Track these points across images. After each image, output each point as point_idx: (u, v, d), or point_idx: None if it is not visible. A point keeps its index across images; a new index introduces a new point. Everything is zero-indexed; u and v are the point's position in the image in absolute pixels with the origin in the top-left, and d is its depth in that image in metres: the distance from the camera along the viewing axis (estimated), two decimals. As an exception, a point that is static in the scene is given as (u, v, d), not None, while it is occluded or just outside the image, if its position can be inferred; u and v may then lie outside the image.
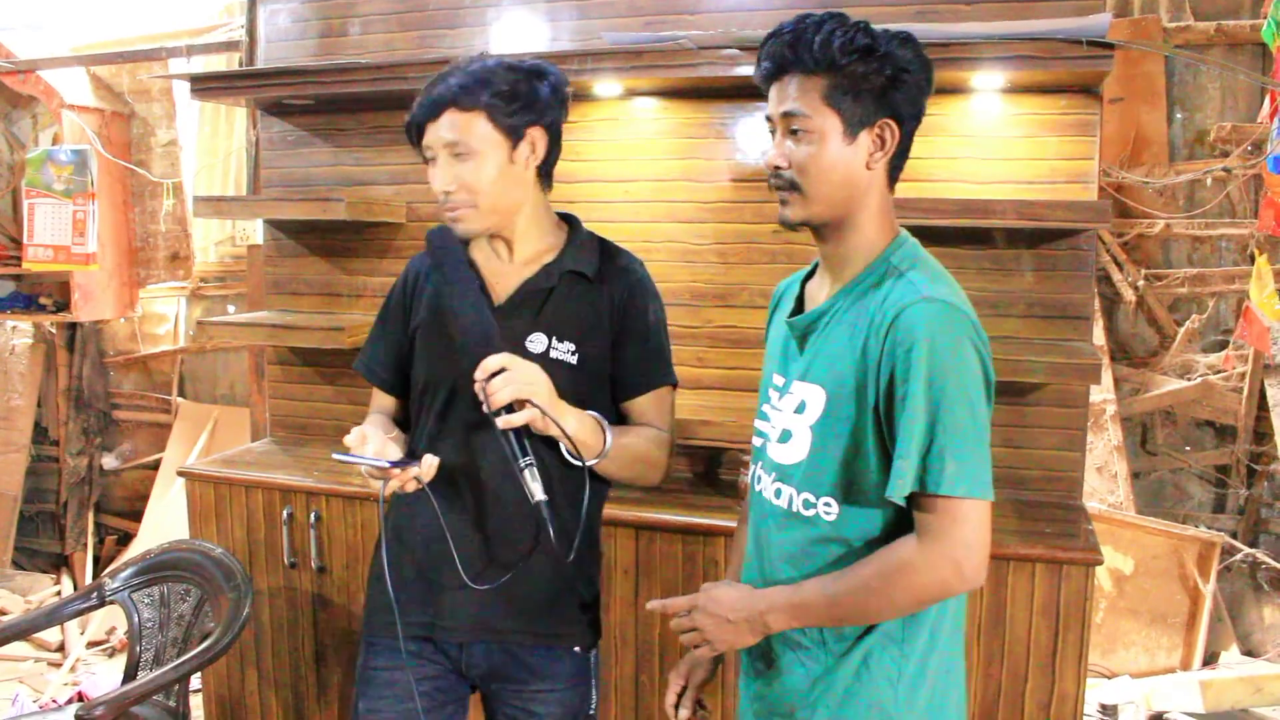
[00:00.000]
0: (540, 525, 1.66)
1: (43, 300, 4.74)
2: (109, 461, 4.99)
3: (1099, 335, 3.86)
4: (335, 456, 1.65)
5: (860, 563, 1.46)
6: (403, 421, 1.98)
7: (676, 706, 1.78)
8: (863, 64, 1.45)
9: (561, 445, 1.74)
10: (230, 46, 4.18)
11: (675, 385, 1.95)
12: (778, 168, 1.51)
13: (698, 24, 2.92)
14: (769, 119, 1.54)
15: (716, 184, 3.01)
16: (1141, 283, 3.93)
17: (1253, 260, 3.51)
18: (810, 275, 1.67)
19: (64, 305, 4.58)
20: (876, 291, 1.48)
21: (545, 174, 1.87)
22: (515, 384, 1.65)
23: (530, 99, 1.78)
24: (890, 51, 1.46)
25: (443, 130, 1.75)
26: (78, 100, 4.44)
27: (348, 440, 1.68)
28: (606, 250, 1.93)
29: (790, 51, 1.47)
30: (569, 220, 1.93)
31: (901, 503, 1.43)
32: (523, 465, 1.65)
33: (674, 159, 3.04)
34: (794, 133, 1.49)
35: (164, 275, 4.71)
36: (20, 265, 4.50)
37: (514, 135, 1.77)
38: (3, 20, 4.57)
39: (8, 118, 4.95)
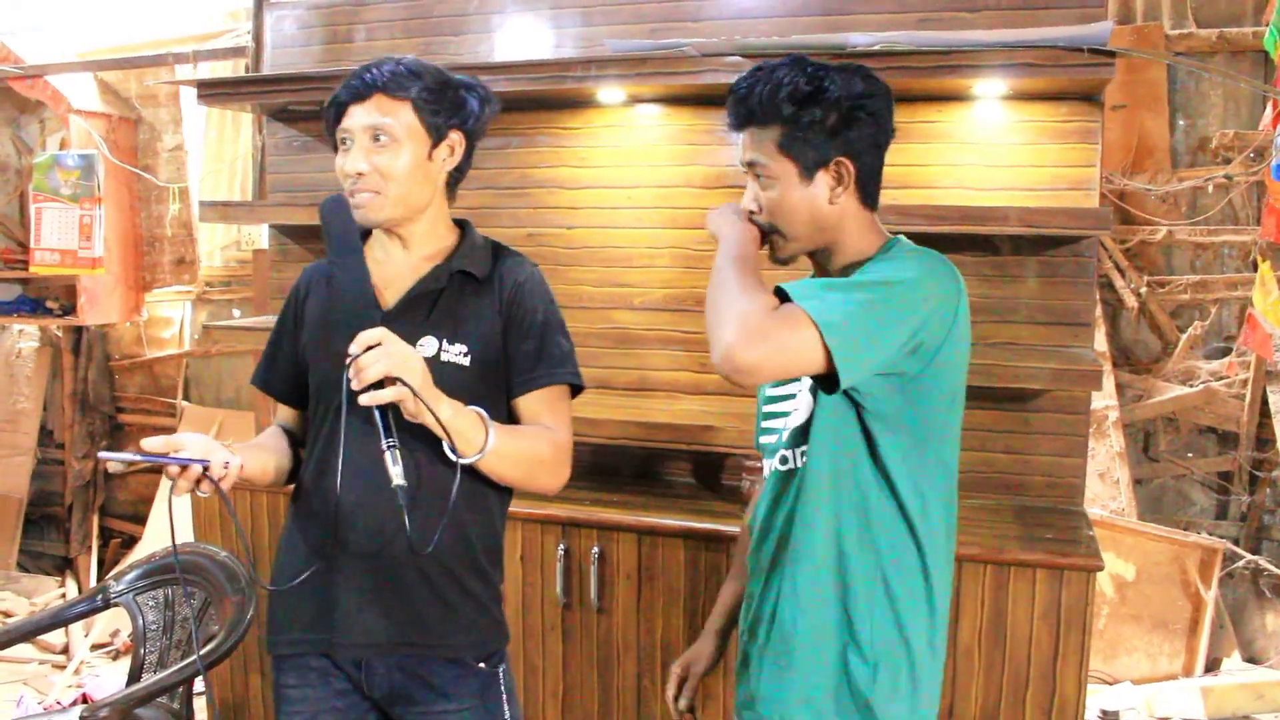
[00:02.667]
0: (397, 512, 1.60)
1: (49, 304, 4.76)
2: (114, 465, 5.01)
3: (1101, 341, 3.87)
4: (101, 455, 1.57)
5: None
6: (301, 434, 1.93)
7: (676, 698, 1.86)
8: (807, 111, 1.54)
9: (444, 442, 1.66)
10: (237, 52, 4.20)
11: (574, 387, 1.86)
12: (751, 213, 1.63)
13: (701, 31, 2.93)
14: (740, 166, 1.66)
15: (719, 190, 3.02)
16: (1144, 289, 3.93)
17: (1255, 267, 3.52)
18: None
19: (70, 309, 4.60)
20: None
21: (454, 182, 1.85)
22: (389, 359, 1.57)
23: (457, 104, 1.78)
24: (837, 94, 1.54)
25: (368, 114, 1.73)
26: (85, 105, 4.46)
27: (149, 443, 1.57)
28: (498, 252, 1.88)
29: (743, 107, 1.59)
30: (461, 225, 1.89)
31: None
32: (385, 446, 1.58)
33: (677, 165, 3.06)
34: (759, 178, 1.60)
35: (170, 279, 4.73)
36: (27, 269, 4.52)
37: (436, 134, 1.76)
38: (10, 26, 4.60)
39: (15, 123, 4.98)
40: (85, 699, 3.69)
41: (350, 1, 3.36)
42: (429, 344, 1.76)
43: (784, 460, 1.66)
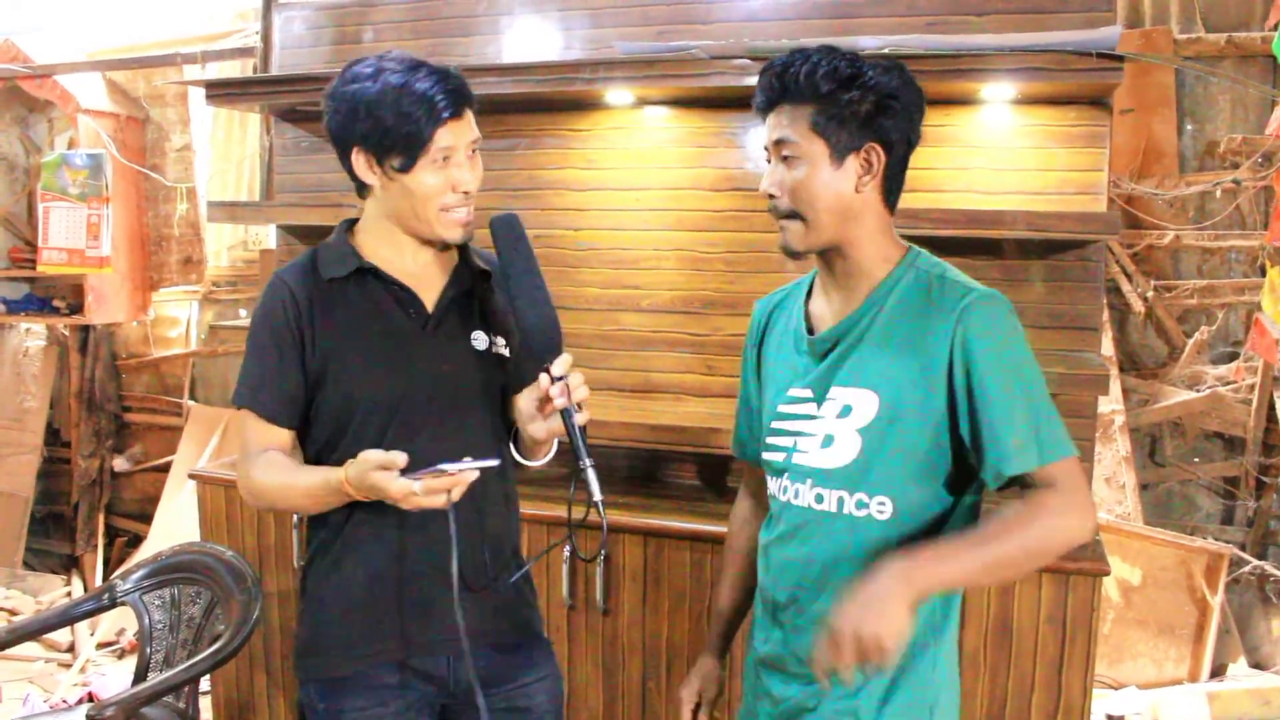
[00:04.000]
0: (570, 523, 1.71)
1: (56, 303, 4.78)
2: (120, 464, 5.02)
3: (1108, 346, 3.86)
4: (444, 467, 1.55)
5: (996, 520, 1.49)
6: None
7: None
8: (846, 92, 1.52)
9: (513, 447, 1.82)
10: (245, 53, 4.21)
11: None
12: (771, 196, 1.59)
13: (709, 34, 2.93)
14: (765, 149, 1.61)
15: (727, 193, 3.02)
16: (1151, 294, 3.93)
17: (1263, 272, 3.52)
18: (808, 297, 1.71)
19: (77, 308, 4.61)
20: (927, 296, 1.56)
21: None
22: (584, 385, 1.66)
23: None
24: (875, 81, 1.53)
25: (471, 128, 1.73)
26: (93, 105, 4.47)
27: (392, 459, 1.57)
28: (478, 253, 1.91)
29: (779, 83, 1.56)
30: None
31: (997, 484, 1.51)
32: (587, 465, 1.64)
33: (685, 168, 3.06)
34: (785, 159, 1.57)
35: (177, 279, 4.75)
36: (35, 268, 4.54)
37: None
38: (20, 26, 4.61)
39: (24, 122, 4.99)
40: (91, 698, 3.69)
41: (359, 2, 3.37)
42: (480, 338, 1.81)
43: (819, 498, 1.60)
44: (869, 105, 1.53)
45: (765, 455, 1.71)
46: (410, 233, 1.77)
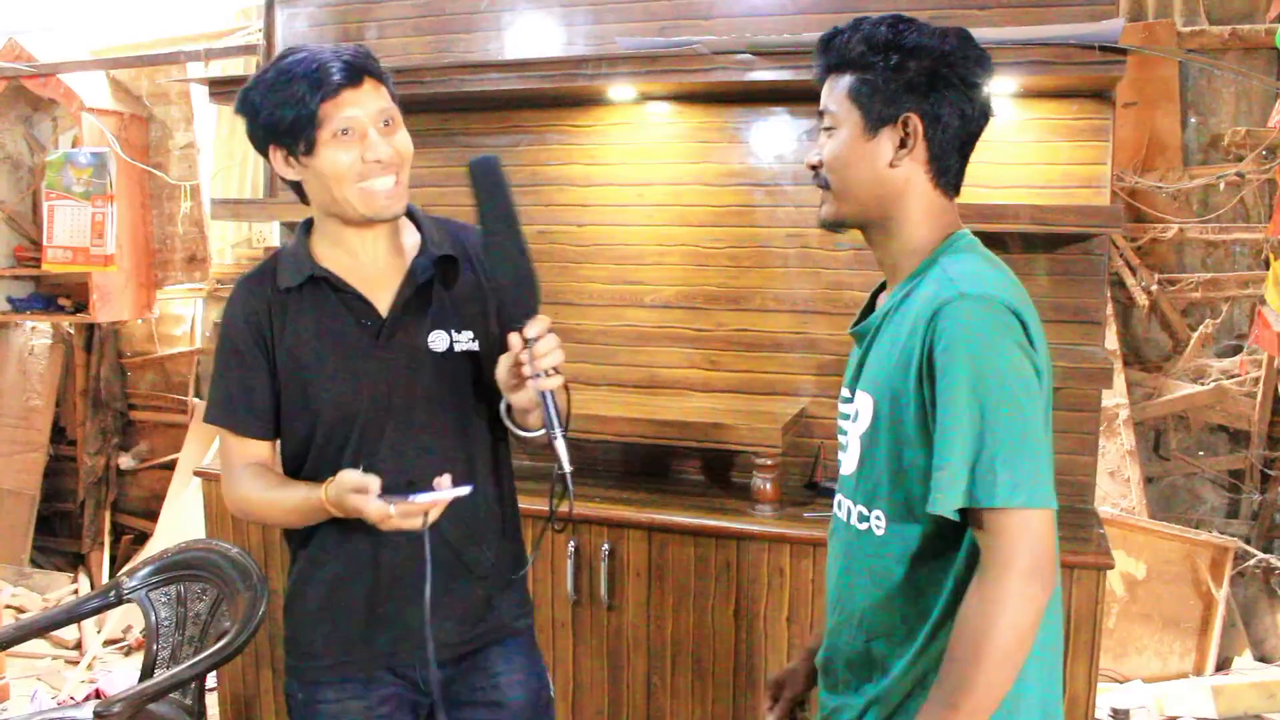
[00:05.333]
0: (549, 499, 1.65)
1: (61, 301, 4.78)
2: (126, 461, 5.03)
3: (1112, 340, 3.86)
4: (414, 498, 1.54)
5: (948, 647, 1.31)
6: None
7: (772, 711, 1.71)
8: (882, 57, 1.40)
9: (505, 416, 1.70)
10: (248, 50, 4.21)
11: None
12: (812, 166, 1.50)
13: (712, 29, 2.93)
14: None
15: (730, 188, 3.02)
16: (1155, 287, 3.92)
17: (1267, 265, 3.51)
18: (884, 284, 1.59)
19: (82, 306, 4.62)
20: (918, 290, 1.41)
21: None
22: (558, 348, 1.58)
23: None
24: (919, 44, 1.39)
25: (374, 98, 1.64)
26: (97, 103, 4.48)
27: (366, 483, 1.56)
28: (446, 224, 1.83)
29: (825, 51, 1.47)
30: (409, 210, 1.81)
31: (952, 516, 1.30)
32: (557, 434, 1.57)
33: (688, 163, 3.06)
34: (827, 130, 1.47)
35: (181, 277, 4.75)
36: (39, 266, 4.54)
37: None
38: (23, 24, 4.62)
39: (28, 121, 5.00)
40: (98, 694, 3.71)
41: (361, -1, 3.37)
42: (440, 339, 1.73)
43: (839, 505, 1.53)
44: (911, 72, 1.39)
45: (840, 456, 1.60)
46: (344, 221, 1.70)
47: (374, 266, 1.74)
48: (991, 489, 1.26)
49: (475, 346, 1.75)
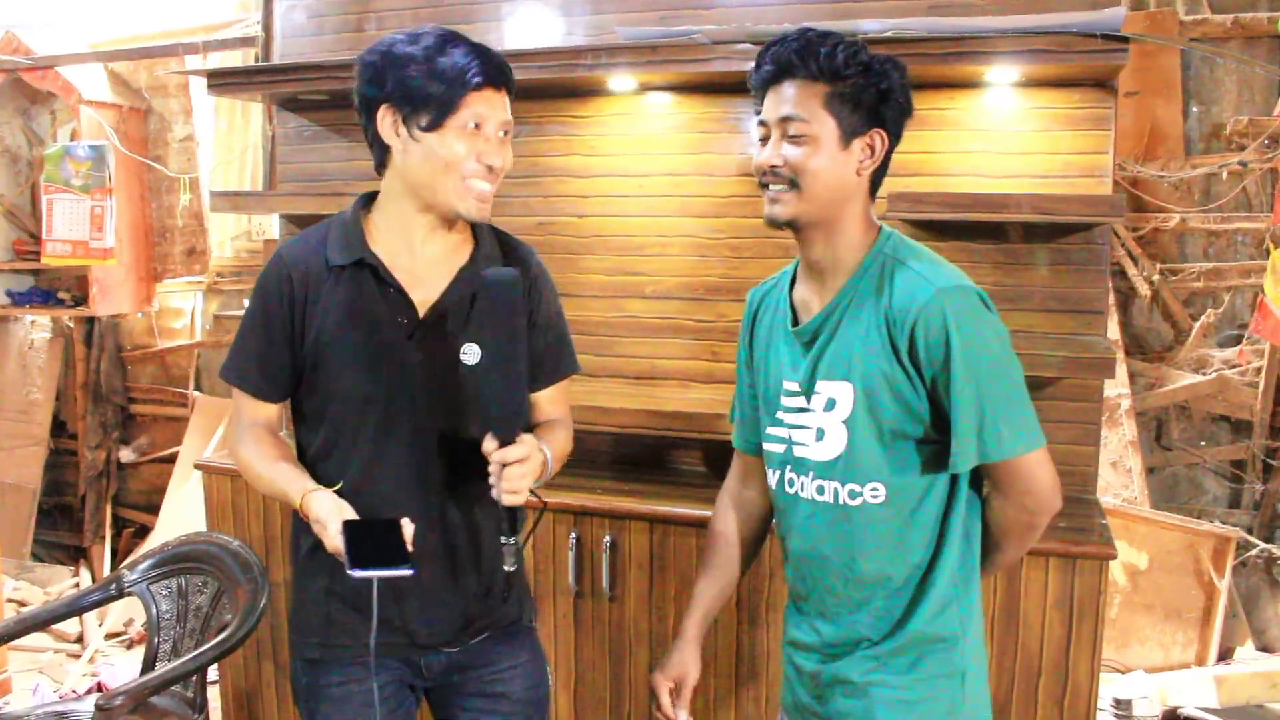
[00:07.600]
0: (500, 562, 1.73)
1: (61, 295, 4.78)
2: (126, 455, 5.03)
3: (1113, 330, 3.85)
4: (352, 574, 1.57)
5: (1000, 550, 1.68)
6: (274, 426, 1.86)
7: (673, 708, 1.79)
8: (862, 78, 1.55)
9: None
10: (247, 42, 4.20)
11: (578, 371, 1.97)
12: (773, 167, 1.58)
13: (712, 19, 2.92)
14: (763, 123, 1.61)
15: (730, 178, 3.01)
16: (1156, 277, 3.91)
17: (1269, 254, 3.50)
18: (791, 285, 1.72)
19: (82, 300, 4.61)
20: (887, 284, 1.57)
21: None
22: (531, 476, 1.65)
23: None
24: (885, 70, 1.57)
25: (504, 108, 1.73)
26: (95, 96, 4.47)
27: (325, 520, 1.62)
28: (504, 242, 1.86)
29: (797, 58, 1.56)
30: None
31: (961, 471, 1.57)
32: (506, 541, 1.68)
33: (687, 154, 3.05)
34: (791, 137, 1.56)
35: (181, 270, 4.74)
36: (39, 260, 4.54)
37: None
38: (21, 17, 4.60)
39: (26, 114, 4.99)
40: (100, 687, 3.71)
41: (360, -10, 3.36)
42: (473, 353, 1.74)
43: (821, 490, 1.64)
44: (877, 93, 1.56)
45: (766, 446, 1.73)
46: (426, 207, 1.71)
47: (425, 261, 1.76)
48: (997, 445, 1.53)
49: None
